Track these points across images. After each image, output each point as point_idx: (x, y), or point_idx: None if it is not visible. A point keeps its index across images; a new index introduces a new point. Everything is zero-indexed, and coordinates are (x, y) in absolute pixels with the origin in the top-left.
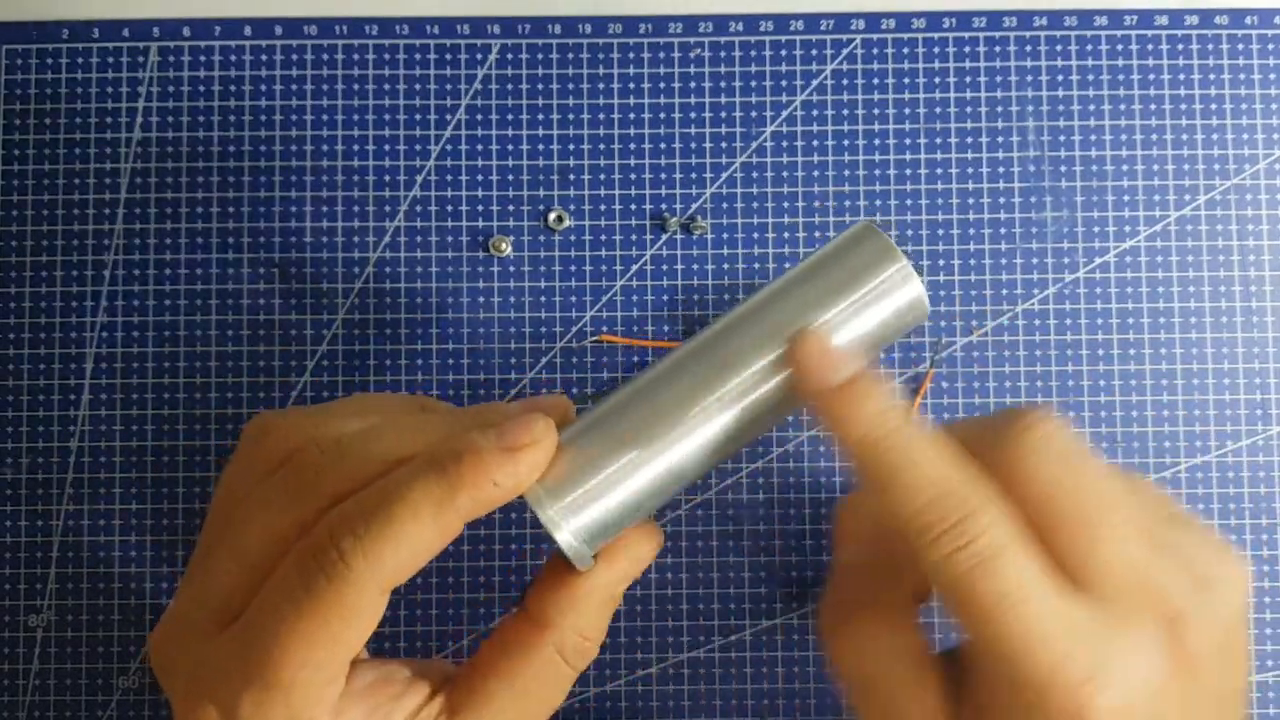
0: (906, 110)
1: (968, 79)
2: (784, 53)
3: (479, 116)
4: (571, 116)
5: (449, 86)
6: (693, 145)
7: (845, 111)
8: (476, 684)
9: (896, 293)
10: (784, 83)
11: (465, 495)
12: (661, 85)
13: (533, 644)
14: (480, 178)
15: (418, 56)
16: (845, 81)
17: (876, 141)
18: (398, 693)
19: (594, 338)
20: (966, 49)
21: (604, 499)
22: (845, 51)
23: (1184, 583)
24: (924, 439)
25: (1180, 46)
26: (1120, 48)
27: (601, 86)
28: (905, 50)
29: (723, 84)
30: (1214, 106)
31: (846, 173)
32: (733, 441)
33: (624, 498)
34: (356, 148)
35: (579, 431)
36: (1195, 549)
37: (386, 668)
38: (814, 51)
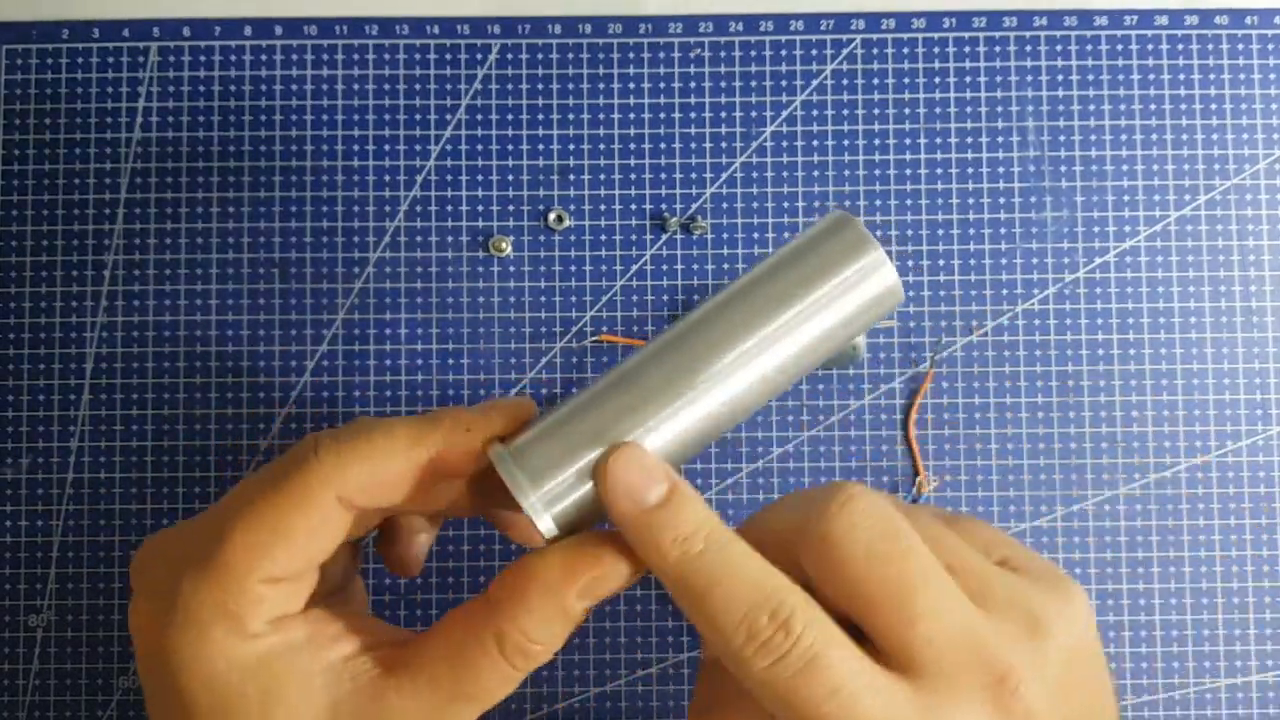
0: (906, 110)
1: (968, 79)
2: (784, 53)
3: (479, 116)
4: (571, 116)
5: (449, 86)
6: (693, 145)
7: (845, 111)
8: (419, 654)
9: (869, 281)
10: (784, 83)
11: (440, 434)
12: (661, 85)
13: (476, 629)
14: (480, 178)
15: (418, 56)
16: (845, 81)
17: (876, 141)
18: (342, 632)
19: (594, 338)
20: (966, 49)
21: (566, 460)
22: (845, 51)
23: (1010, 634)
24: (732, 555)
25: (1180, 47)
26: (1120, 48)
27: (601, 86)
28: (905, 50)
29: (723, 84)
30: (1214, 106)
31: (846, 173)
32: (717, 425)
33: (584, 462)
34: (357, 148)
35: (556, 411)
36: (1024, 592)
37: (352, 619)
38: (814, 51)
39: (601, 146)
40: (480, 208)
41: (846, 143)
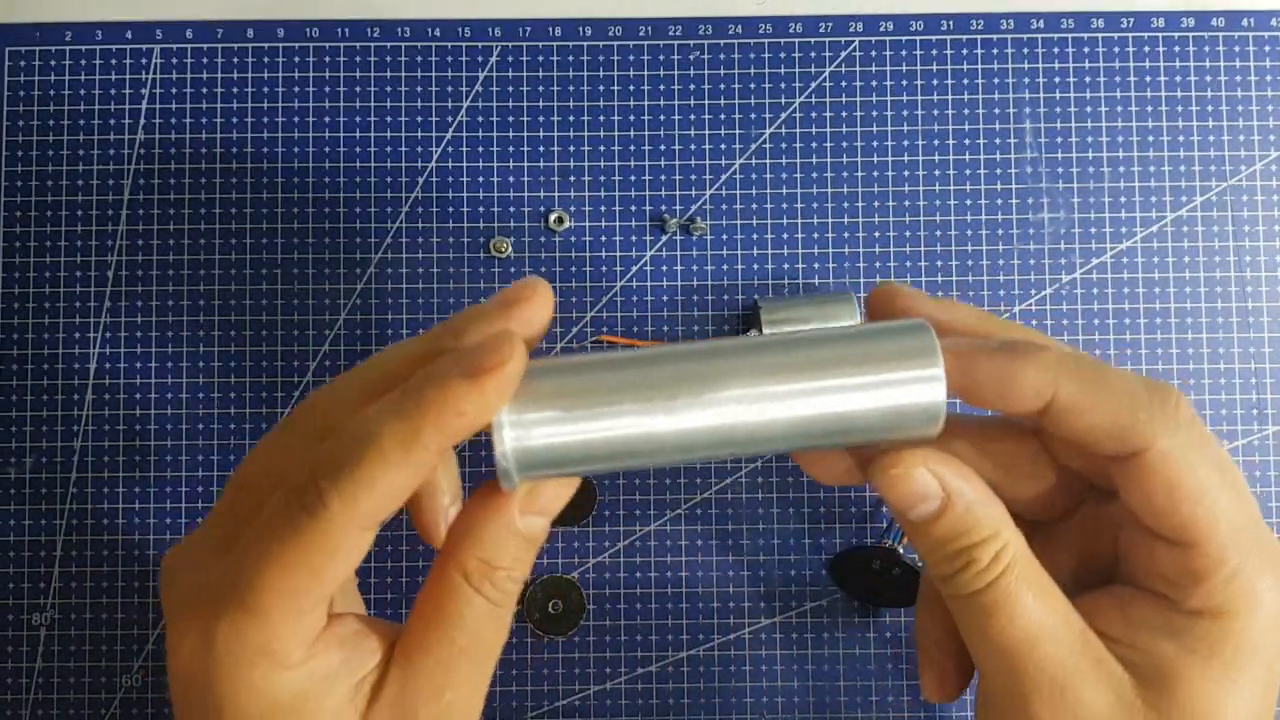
0: (904, 112)
1: (965, 81)
2: (783, 55)
3: (480, 118)
4: (572, 118)
5: (450, 88)
6: (692, 147)
7: (844, 113)
8: (408, 628)
9: (917, 388)
10: (783, 85)
11: (431, 432)
12: (661, 87)
13: (443, 572)
14: (481, 179)
15: (419, 59)
16: (844, 84)
17: (875, 143)
18: (370, 648)
19: (594, 338)
20: (964, 51)
21: (563, 435)
22: (844, 54)
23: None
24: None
25: (1177, 49)
26: (1117, 50)
27: (601, 89)
28: (903, 52)
29: (722, 86)
30: (1210, 108)
31: (845, 174)
32: (716, 445)
33: (586, 442)
34: (358, 149)
35: (564, 365)
36: None
37: (366, 624)
38: (813, 54)
39: (602, 148)
40: (481, 209)
41: (845, 144)
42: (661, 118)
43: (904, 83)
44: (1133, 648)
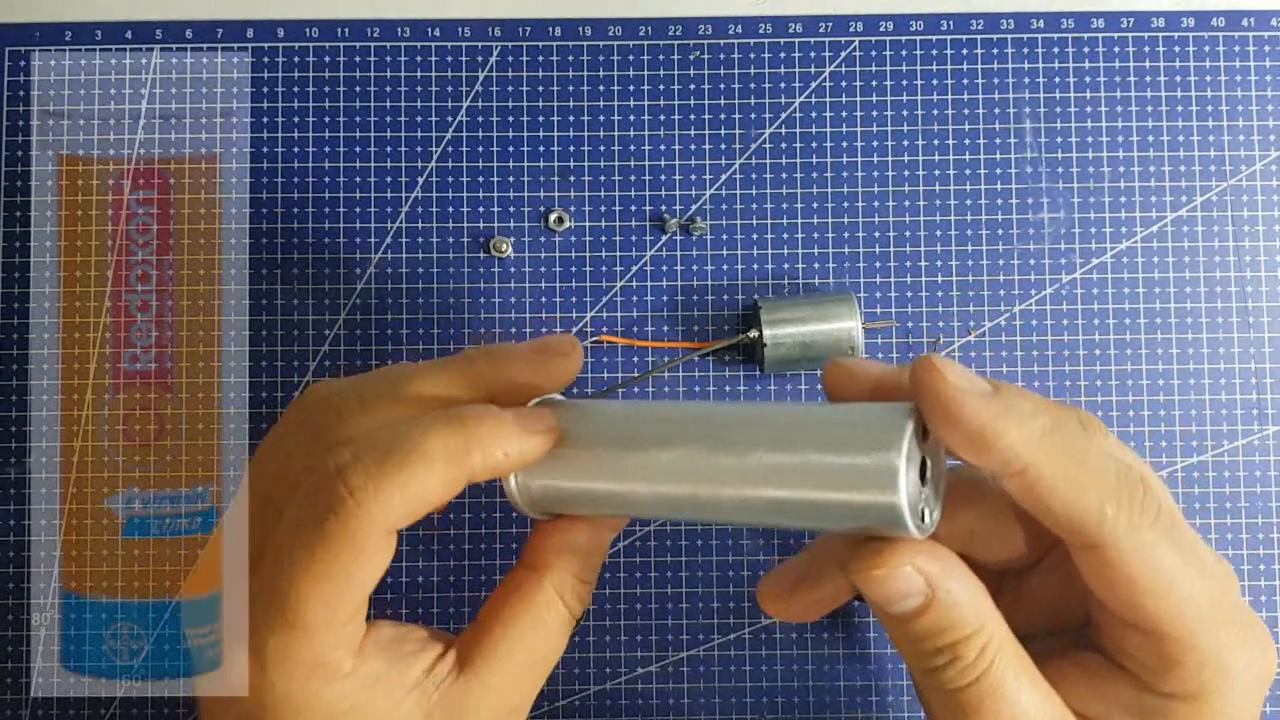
0: (904, 112)
1: (965, 81)
2: (783, 55)
3: (480, 118)
4: (572, 118)
5: (450, 88)
6: (692, 147)
7: (843, 113)
8: (483, 634)
9: (873, 491)
10: (783, 85)
11: (479, 454)
12: (661, 87)
13: (533, 587)
14: (481, 179)
15: (419, 59)
16: (844, 84)
17: (875, 143)
18: (415, 649)
19: (594, 338)
20: (964, 51)
21: (556, 481)
22: (844, 54)
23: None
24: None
25: (1177, 48)
26: (1117, 50)
27: (601, 88)
28: (903, 52)
29: (721, 86)
30: (1210, 108)
31: (845, 174)
32: (689, 510)
33: (574, 491)
34: (358, 149)
35: (566, 413)
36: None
37: (400, 627)
38: (812, 54)
39: (601, 148)
40: (481, 209)
41: (845, 144)
42: (661, 118)
43: (904, 83)
44: None
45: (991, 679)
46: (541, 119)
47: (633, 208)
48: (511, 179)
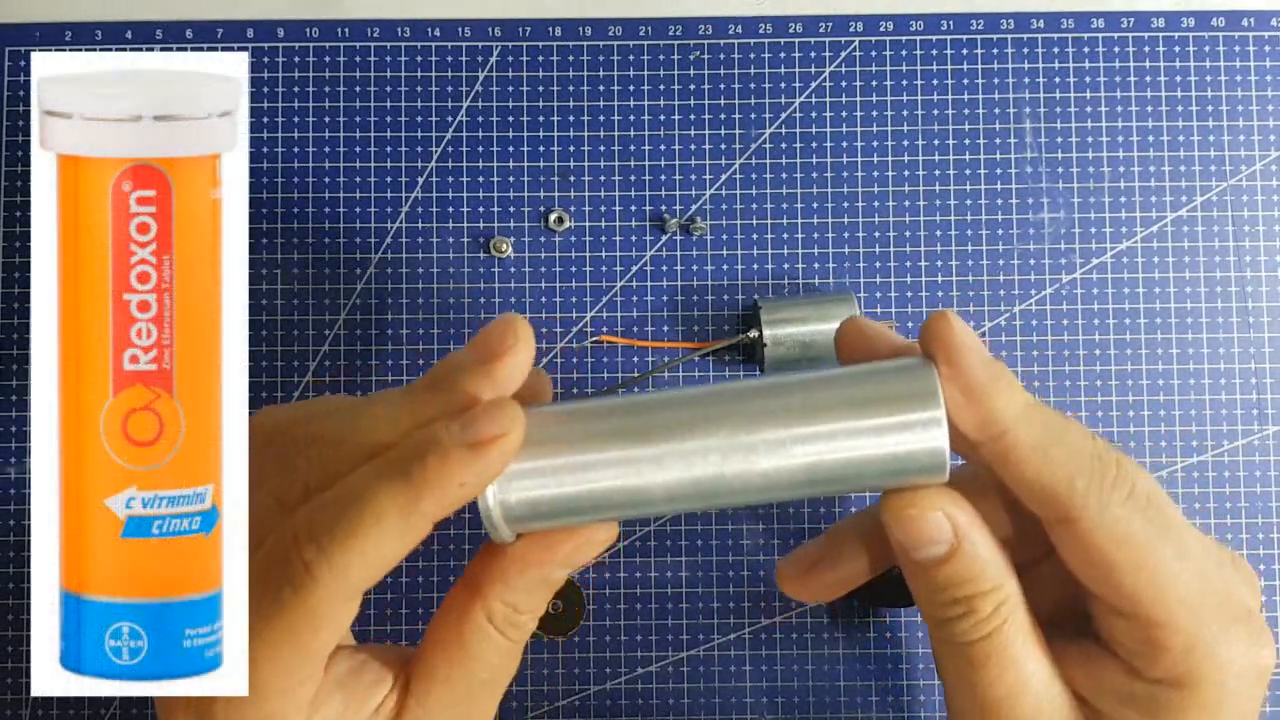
0: (904, 112)
1: (965, 81)
2: (783, 55)
3: (480, 118)
4: (572, 118)
5: (450, 88)
6: (692, 147)
7: (843, 113)
8: (425, 655)
9: (918, 435)
10: (783, 85)
11: (430, 500)
12: (661, 87)
13: (467, 612)
14: (481, 179)
15: (419, 59)
16: (844, 84)
17: (875, 143)
18: (373, 679)
19: (594, 338)
20: (964, 51)
21: (546, 489)
22: (844, 54)
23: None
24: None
25: (1177, 48)
26: (1117, 50)
27: (602, 88)
28: (903, 52)
29: (722, 86)
30: (1210, 108)
31: (844, 174)
32: (709, 496)
33: (569, 495)
34: (358, 149)
35: (552, 416)
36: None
37: (360, 656)
38: (812, 54)
39: (602, 148)
40: (481, 209)
41: (845, 144)
42: (661, 118)
43: (904, 83)
44: (1099, 713)
45: (1002, 637)
46: (541, 119)
47: (633, 208)
48: (511, 179)
